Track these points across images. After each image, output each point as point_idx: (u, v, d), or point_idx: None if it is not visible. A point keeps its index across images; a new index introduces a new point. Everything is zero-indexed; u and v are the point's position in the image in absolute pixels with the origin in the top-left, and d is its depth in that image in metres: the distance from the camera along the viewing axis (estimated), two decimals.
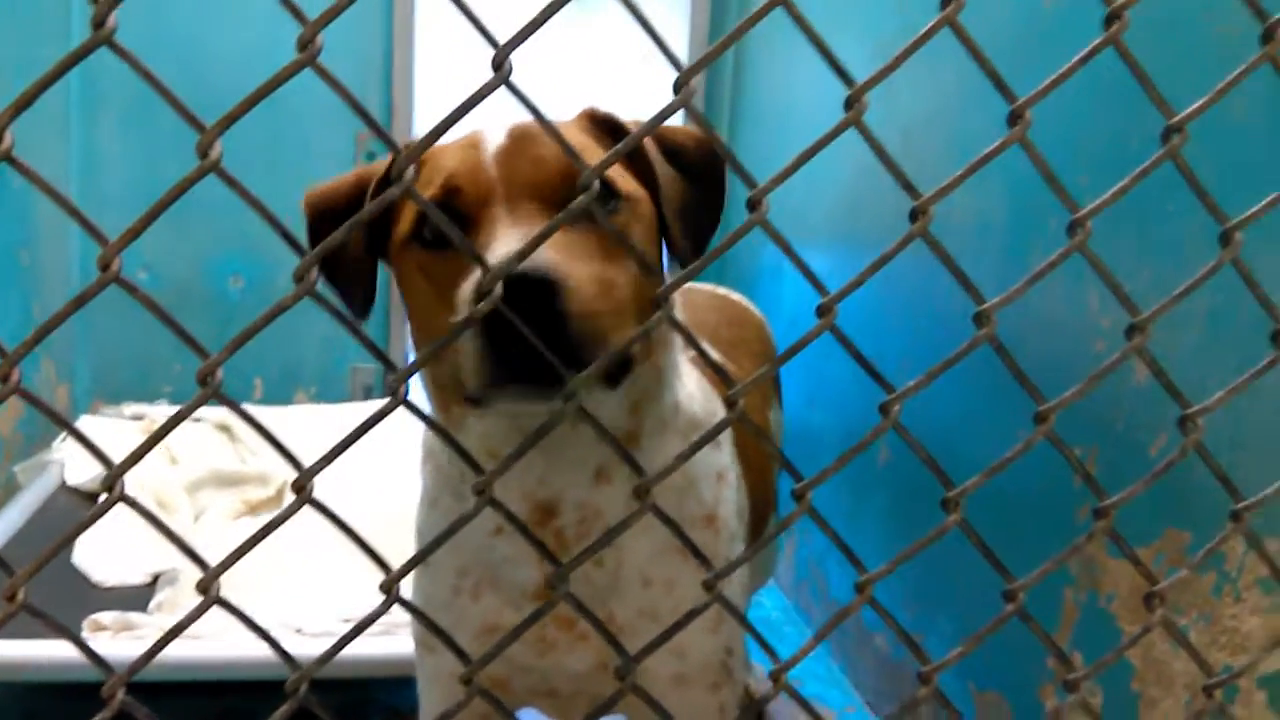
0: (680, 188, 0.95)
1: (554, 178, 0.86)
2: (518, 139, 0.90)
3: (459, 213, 0.85)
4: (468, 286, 0.79)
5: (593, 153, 0.91)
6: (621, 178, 0.91)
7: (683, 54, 3.45)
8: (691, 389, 1.07)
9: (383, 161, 0.98)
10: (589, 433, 0.92)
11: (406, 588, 0.63)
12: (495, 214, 0.84)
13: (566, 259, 0.78)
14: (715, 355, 1.44)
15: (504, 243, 0.79)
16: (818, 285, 0.65)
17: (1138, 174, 0.67)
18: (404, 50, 3.36)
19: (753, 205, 0.62)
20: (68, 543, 0.59)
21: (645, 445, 0.99)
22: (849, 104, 0.62)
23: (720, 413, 1.09)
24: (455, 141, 0.93)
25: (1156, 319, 0.71)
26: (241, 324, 0.62)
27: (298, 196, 1.00)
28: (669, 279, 0.63)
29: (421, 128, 3.36)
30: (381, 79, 3.35)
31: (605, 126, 0.97)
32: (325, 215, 0.96)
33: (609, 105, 1.00)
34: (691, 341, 0.65)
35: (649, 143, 0.94)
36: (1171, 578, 0.77)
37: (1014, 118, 0.65)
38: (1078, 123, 1.47)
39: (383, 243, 0.96)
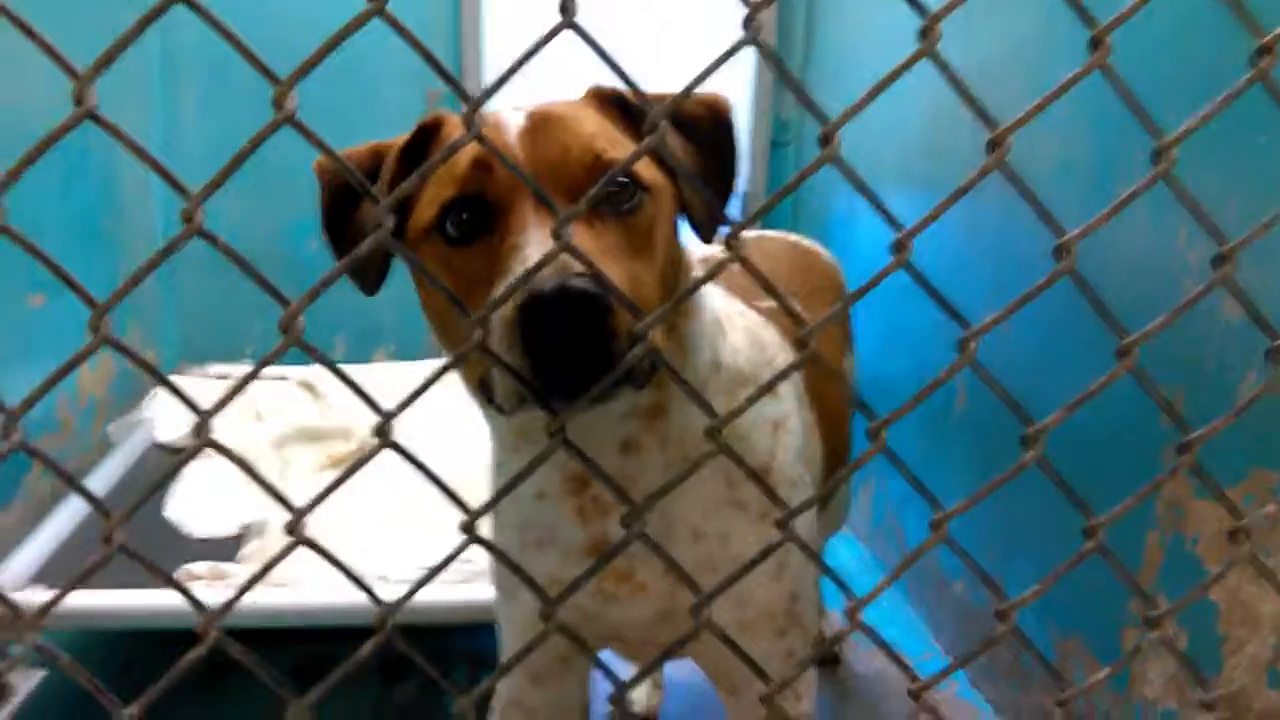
0: (695, 160, 0.92)
1: (580, 167, 0.84)
2: (539, 122, 0.87)
3: (486, 200, 0.83)
4: (501, 298, 0.69)
5: (610, 137, 0.88)
6: (643, 165, 0.88)
7: None
8: (737, 343, 1.05)
9: (400, 136, 0.95)
10: (613, 410, 0.93)
11: (484, 533, 0.64)
12: (524, 205, 0.80)
13: (601, 260, 0.74)
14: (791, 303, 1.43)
15: (537, 244, 0.76)
16: (891, 220, 0.65)
17: (1224, 99, 0.65)
18: (472, 6, 3.36)
19: (825, 140, 0.62)
20: (161, 486, 0.61)
21: (674, 416, 0.98)
22: (923, 34, 0.61)
23: (776, 364, 1.08)
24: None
25: (1244, 249, 0.69)
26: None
27: None
28: (733, 223, 0.63)
29: (492, 75, 3.36)
30: (450, 37, 3.35)
31: (614, 103, 0.94)
32: (341, 185, 0.93)
33: (628, 73, 0.97)
34: (765, 285, 0.65)
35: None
36: (1258, 513, 0.75)
37: (1095, 43, 0.63)
38: (1164, 50, 1.42)
39: (398, 226, 0.94)
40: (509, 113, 0.88)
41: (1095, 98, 0.66)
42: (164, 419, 2.58)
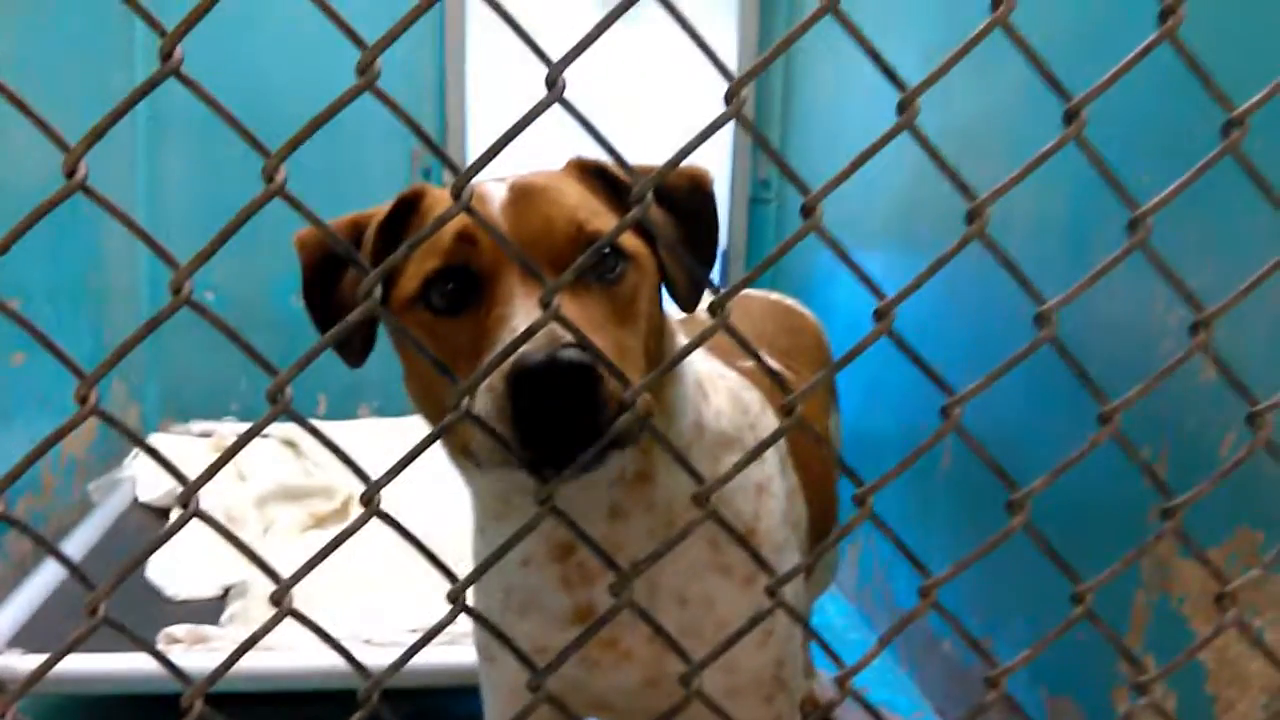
0: (676, 230, 0.92)
1: (563, 239, 0.84)
2: (521, 194, 0.87)
3: (474, 272, 0.83)
4: (491, 365, 0.68)
5: (593, 208, 0.89)
6: (625, 235, 0.88)
7: (732, 64, 3.44)
8: (720, 405, 1.06)
9: (380, 206, 0.95)
10: (600, 478, 0.93)
11: (471, 599, 0.64)
12: (509, 276, 0.81)
13: (587, 329, 0.74)
14: (773, 364, 1.44)
15: (524, 315, 0.76)
16: (874, 289, 0.65)
17: (1197, 170, 0.66)
18: (457, 68, 3.40)
19: (807, 211, 0.63)
20: (145, 558, 0.61)
21: (660, 482, 0.98)
22: (901, 108, 0.62)
23: (758, 426, 1.09)
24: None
25: (1221, 316, 0.70)
26: (305, 341, 0.64)
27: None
28: (721, 290, 0.64)
29: (476, 145, 3.39)
30: (436, 97, 3.40)
31: (595, 174, 0.95)
32: (321, 257, 0.93)
33: (608, 143, 0.98)
34: (749, 351, 0.65)
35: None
36: (1244, 577, 0.76)
37: (1069, 116, 0.65)
38: (1139, 119, 1.45)
39: (381, 298, 0.93)
40: (491, 184, 0.89)
41: (1072, 159, 0.67)
42: (145, 478, 2.56)
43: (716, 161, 3.53)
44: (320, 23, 0.57)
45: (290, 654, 1.70)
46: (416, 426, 0.85)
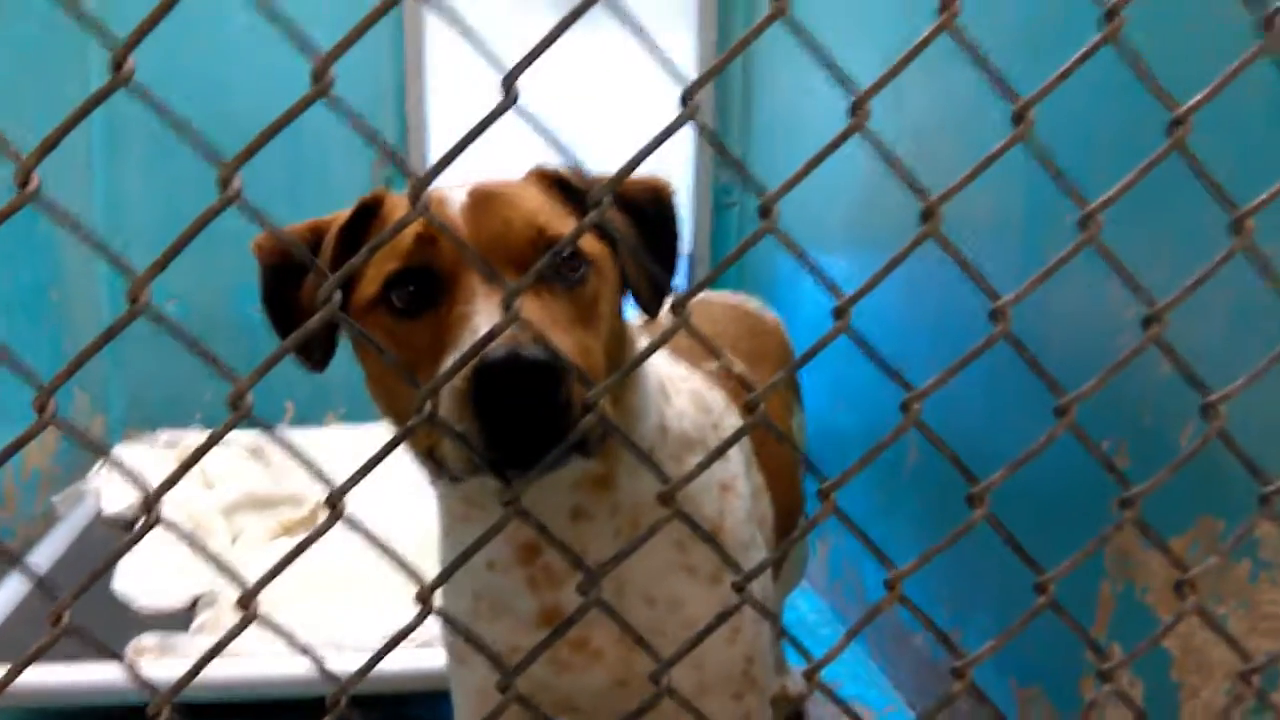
0: (639, 239, 0.94)
1: (523, 241, 0.85)
2: (481, 199, 0.88)
3: (434, 273, 0.83)
4: (454, 368, 0.68)
5: (552, 212, 0.89)
6: (587, 240, 0.89)
7: (691, 69, 3.45)
8: (682, 406, 1.07)
9: (340, 211, 0.95)
10: (563, 480, 0.94)
11: (440, 602, 0.64)
12: (470, 278, 0.81)
13: (549, 330, 0.76)
14: (736, 364, 1.45)
15: (485, 315, 0.77)
16: (832, 287, 0.66)
17: (1143, 168, 0.68)
18: (416, 76, 3.39)
19: (764, 212, 0.63)
20: (109, 566, 0.60)
21: (623, 484, 0.98)
22: (853, 110, 0.63)
23: (722, 426, 1.10)
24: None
25: (1174, 309, 0.71)
26: (264, 349, 0.64)
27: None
28: (683, 290, 0.64)
29: (437, 151, 3.38)
30: (395, 105, 3.38)
31: (556, 183, 0.96)
32: (280, 263, 0.93)
33: (576, 150, 0.98)
34: (709, 348, 0.66)
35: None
36: (1202, 565, 0.77)
37: (1017, 118, 0.66)
38: (1088, 117, 1.47)
39: (342, 302, 0.93)
40: (451, 190, 0.89)
41: (1027, 159, 0.68)
42: (110, 490, 2.54)
43: (680, 167, 3.54)
44: (278, 29, 0.57)
45: (258, 661, 1.69)
46: (384, 433, 0.85)
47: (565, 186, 0.95)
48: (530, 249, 0.84)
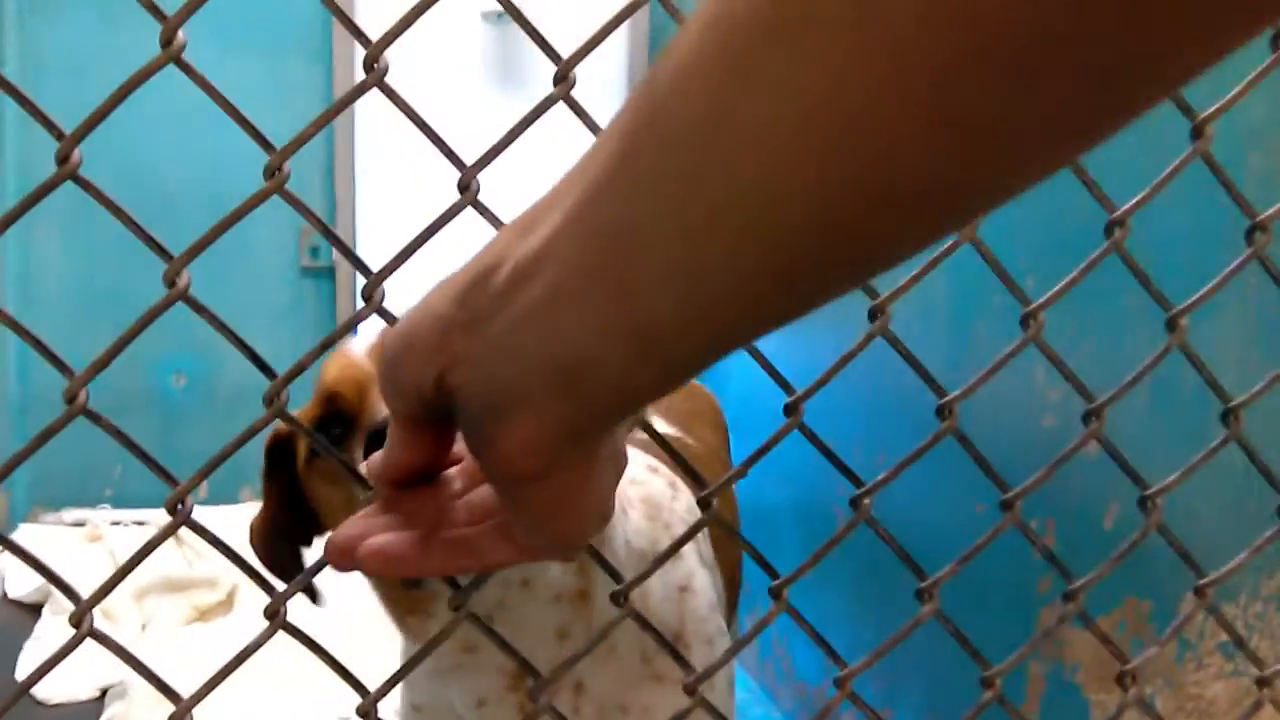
0: None
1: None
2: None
3: (344, 415, 0.84)
4: (360, 466, 0.71)
5: None
6: None
7: None
8: (636, 521, 1.05)
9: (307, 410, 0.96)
10: (541, 594, 0.92)
11: (385, 706, 0.62)
12: (375, 404, 0.81)
13: None
14: (673, 431, 1.45)
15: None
16: (784, 384, 0.66)
17: (1085, 267, 0.70)
18: (345, 147, 3.38)
19: None
20: (31, 685, 0.57)
21: (597, 601, 0.95)
22: None
23: (673, 525, 1.08)
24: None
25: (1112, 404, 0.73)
26: (185, 421, 0.62)
27: (243, 292, 0.98)
28: None
29: (364, 222, 3.35)
30: (324, 173, 3.36)
31: None
32: (275, 448, 0.96)
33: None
34: (666, 449, 0.66)
35: None
36: (1142, 655, 0.78)
37: None
38: (1024, 216, 1.51)
39: (299, 510, 0.95)
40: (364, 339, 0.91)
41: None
42: (14, 573, 2.42)
43: None
44: (203, 100, 0.56)
45: None
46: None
47: None
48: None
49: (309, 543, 0.96)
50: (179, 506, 0.57)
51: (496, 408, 0.39)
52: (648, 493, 1.10)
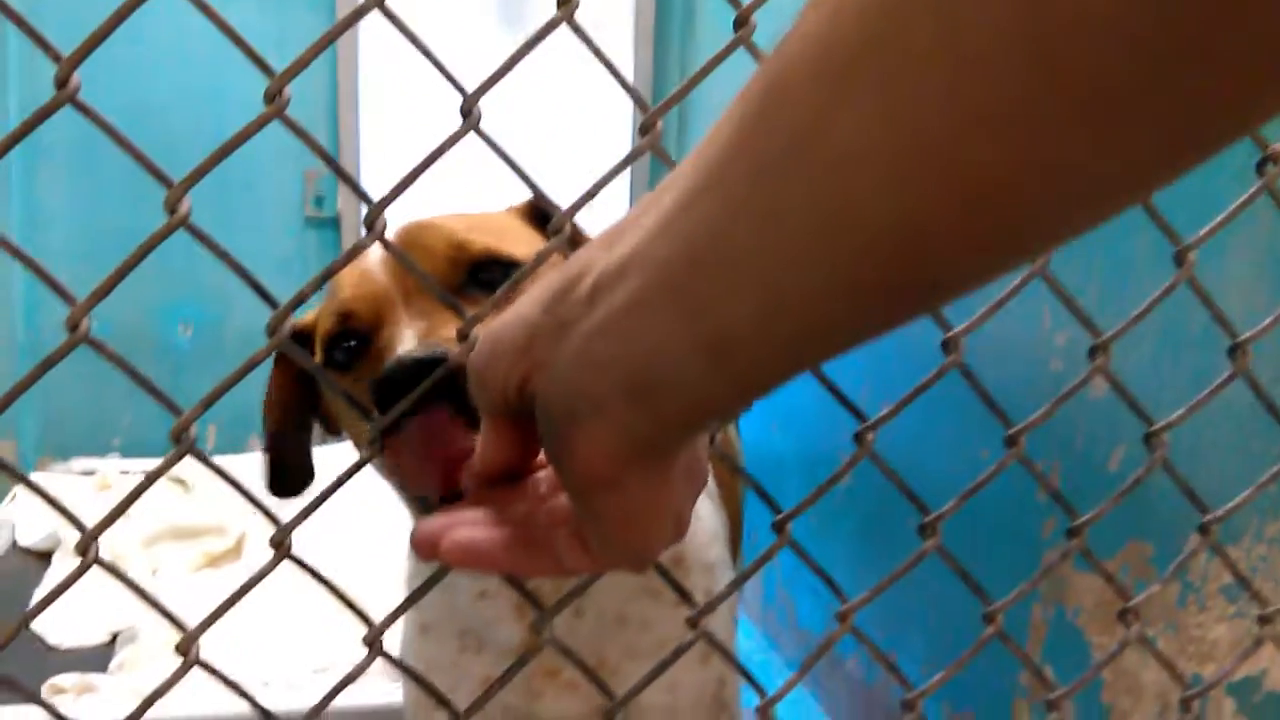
0: None
1: (443, 262, 0.83)
2: (404, 238, 0.87)
3: (357, 332, 0.83)
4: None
5: (484, 229, 0.88)
6: (525, 249, 0.88)
7: (623, 96, 3.45)
8: None
9: (316, 316, 0.95)
10: None
11: (391, 638, 0.62)
12: (394, 316, 0.81)
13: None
14: None
15: (406, 340, 0.75)
16: None
17: None
18: (349, 86, 3.35)
19: None
20: (39, 611, 0.58)
21: None
22: None
23: None
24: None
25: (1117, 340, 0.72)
26: (191, 371, 0.62)
27: (249, 237, 0.97)
28: None
29: (368, 164, 3.33)
30: (328, 116, 3.33)
31: (536, 214, 0.95)
32: (283, 415, 0.98)
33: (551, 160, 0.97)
34: None
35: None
36: (1143, 592, 0.78)
37: None
38: None
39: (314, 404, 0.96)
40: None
41: None
42: (25, 521, 2.44)
43: (616, 202, 3.55)
44: (205, 36, 0.56)
45: (183, 702, 1.63)
46: (335, 478, 0.83)
47: (545, 217, 0.94)
48: (449, 266, 0.83)
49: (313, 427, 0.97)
50: (183, 436, 0.57)
51: (572, 413, 0.40)
52: None
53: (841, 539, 2.22)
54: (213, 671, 0.59)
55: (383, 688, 1.67)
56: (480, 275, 0.84)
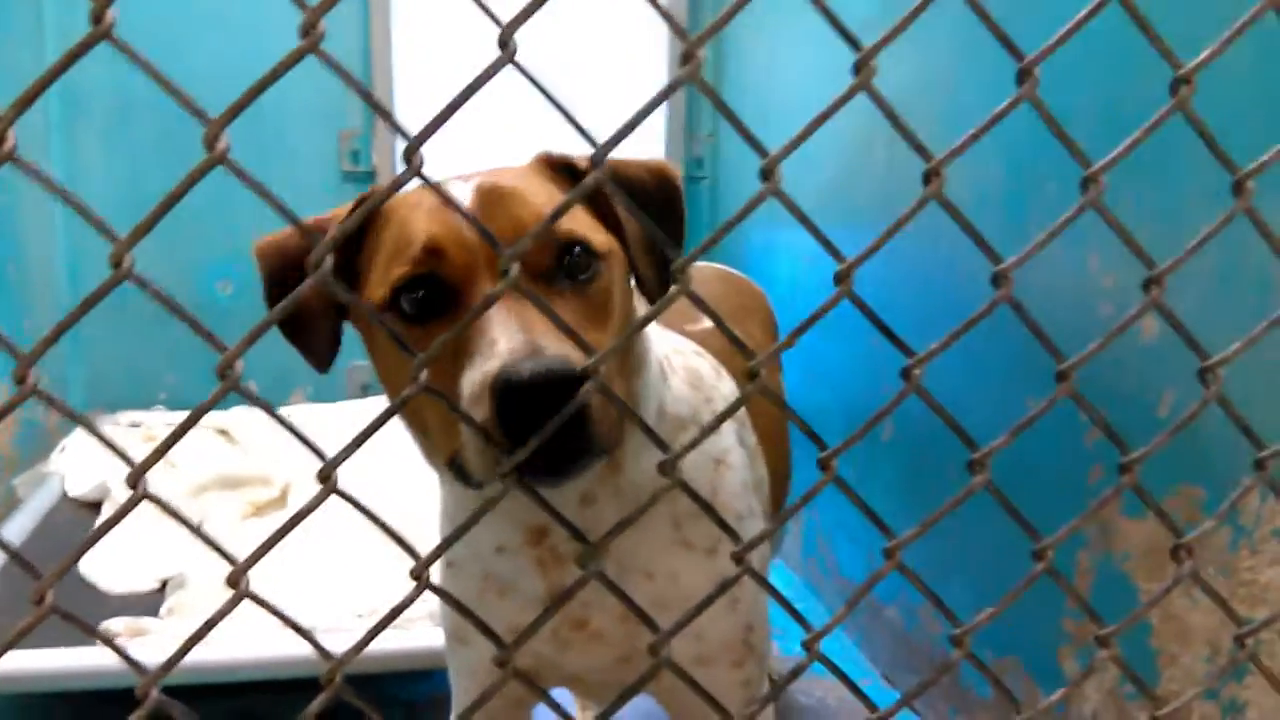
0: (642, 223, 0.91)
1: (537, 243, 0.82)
2: (488, 197, 0.84)
3: (444, 282, 0.81)
4: (474, 380, 0.73)
5: (557, 201, 0.86)
6: (594, 231, 0.87)
7: (658, 27, 3.40)
8: (678, 388, 1.05)
9: (339, 209, 0.93)
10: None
11: (442, 582, 0.63)
12: (483, 283, 0.79)
13: (565, 335, 0.73)
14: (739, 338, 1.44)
15: (503, 330, 0.73)
16: (834, 251, 0.65)
17: (1150, 125, 0.67)
18: (382, 32, 3.35)
19: (766, 175, 0.62)
20: (92, 543, 0.58)
21: (628, 468, 0.97)
22: (857, 69, 0.62)
23: (714, 399, 1.08)
24: (417, 196, 0.87)
25: (1172, 272, 0.70)
26: (231, 328, 0.61)
27: (286, 194, 0.96)
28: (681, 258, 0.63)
29: (403, 111, 3.32)
30: (361, 63, 3.32)
31: (561, 169, 0.93)
32: (281, 263, 0.93)
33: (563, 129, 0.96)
34: (714, 319, 0.65)
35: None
36: (1199, 530, 0.77)
37: (1023, 75, 0.65)
38: (1074, 80, 1.46)
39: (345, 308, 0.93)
40: (456, 186, 0.86)
41: (1005, 128, 0.66)
42: (74, 472, 2.49)
43: (651, 141, 3.52)
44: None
45: (234, 644, 1.67)
46: (351, 411, 0.83)
47: (573, 173, 0.92)
48: (541, 249, 0.82)
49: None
50: (228, 373, 0.57)
51: None
52: (691, 367, 1.10)
53: (881, 491, 2.21)
54: (261, 603, 0.59)
55: (426, 631, 1.70)
56: (565, 260, 0.83)
